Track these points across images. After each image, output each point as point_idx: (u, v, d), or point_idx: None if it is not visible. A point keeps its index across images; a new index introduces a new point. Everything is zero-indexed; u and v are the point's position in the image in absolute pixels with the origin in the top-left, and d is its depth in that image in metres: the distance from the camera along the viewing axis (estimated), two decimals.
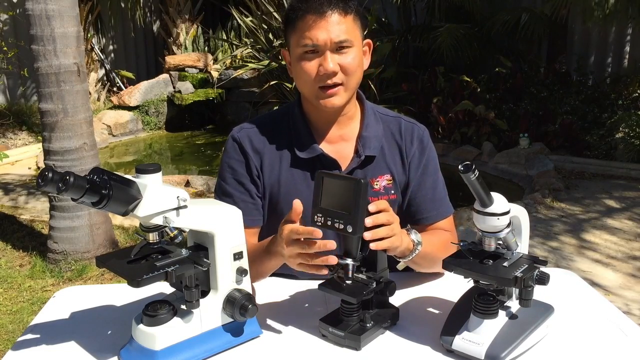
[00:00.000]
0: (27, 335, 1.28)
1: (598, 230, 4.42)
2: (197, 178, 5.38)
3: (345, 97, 1.48)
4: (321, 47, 1.42)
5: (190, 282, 1.15)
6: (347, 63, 1.44)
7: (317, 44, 1.41)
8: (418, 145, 1.59)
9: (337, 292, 1.22)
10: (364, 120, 1.57)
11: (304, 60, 1.45)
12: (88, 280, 3.67)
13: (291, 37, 1.47)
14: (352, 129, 1.57)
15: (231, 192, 1.54)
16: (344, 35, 1.42)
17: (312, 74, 1.44)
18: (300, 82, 1.50)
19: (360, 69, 1.49)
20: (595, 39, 7.66)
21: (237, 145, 1.56)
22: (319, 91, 1.46)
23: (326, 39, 1.41)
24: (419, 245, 1.35)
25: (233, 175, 1.55)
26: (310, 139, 1.54)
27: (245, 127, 1.60)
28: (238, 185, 1.54)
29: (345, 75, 1.45)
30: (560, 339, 1.26)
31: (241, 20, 7.48)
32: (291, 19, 1.46)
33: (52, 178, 0.99)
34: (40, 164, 6.00)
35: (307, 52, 1.44)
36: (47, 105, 3.61)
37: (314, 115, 1.56)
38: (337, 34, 1.41)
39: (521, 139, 6.05)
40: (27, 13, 3.53)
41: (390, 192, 1.56)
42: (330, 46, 1.42)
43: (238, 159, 1.56)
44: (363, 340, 1.22)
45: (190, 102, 7.98)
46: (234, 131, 1.60)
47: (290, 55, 1.50)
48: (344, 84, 1.46)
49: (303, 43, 1.43)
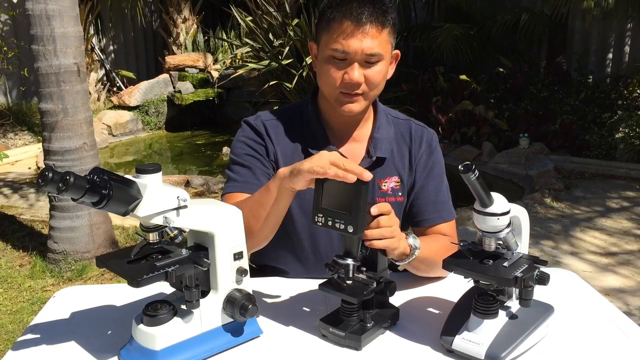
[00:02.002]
0: (27, 335, 1.28)
1: (598, 231, 4.42)
2: (197, 178, 5.38)
3: (363, 105, 1.49)
4: (351, 57, 1.40)
5: (190, 282, 1.15)
6: (372, 76, 1.43)
7: (347, 51, 1.40)
8: (426, 149, 1.61)
9: (337, 292, 1.22)
10: (376, 122, 1.58)
11: (331, 64, 1.43)
12: (88, 280, 3.67)
13: (322, 35, 1.46)
14: (365, 130, 1.59)
15: (248, 164, 1.52)
16: (376, 49, 1.40)
17: (337, 79, 1.43)
18: (322, 81, 1.49)
19: (384, 80, 1.49)
20: (595, 38, 7.66)
21: (254, 129, 1.56)
22: (340, 95, 1.46)
23: (357, 50, 1.39)
24: (416, 250, 1.35)
25: (248, 152, 1.54)
26: (324, 137, 1.55)
27: (260, 116, 1.60)
28: (254, 159, 1.53)
29: (369, 86, 1.45)
30: (560, 339, 1.26)
31: (241, 20, 7.48)
32: (327, 17, 1.43)
33: (52, 178, 0.99)
34: (40, 164, 6.00)
35: (335, 57, 1.42)
36: (47, 105, 3.61)
37: (329, 113, 1.57)
38: (370, 47, 1.39)
39: (521, 139, 6.05)
40: (27, 13, 3.53)
41: (397, 194, 1.57)
42: (360, 57, 1.40)
43: (255, 139, 1.55)
44: (364, 340, 1.22)
45: (190, 102, 7.98)
46: (249, 118, 1.60)
47: (318, 51, 1.49)
48: (364, 94, 1.46)
49: (333, 47, 1.41)
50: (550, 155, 5.98)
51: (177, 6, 9.07)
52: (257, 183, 1.49)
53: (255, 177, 1.51)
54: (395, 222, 1.26)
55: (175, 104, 8.03)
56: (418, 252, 1.36)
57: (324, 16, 1.44)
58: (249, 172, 1.52)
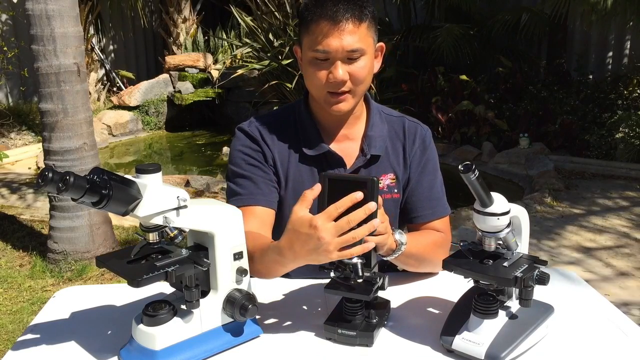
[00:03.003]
0: (27, 335, 1.28)
1: (598, 231, 4.42)
2: (197, 178, 5.38)
3: (352, 103, 1.49)
4: (332, 55, 1.41)
5: (190, 282, 1.14)
6: (356, 71, 1.43)
7: (328, 51, 1.40)
8: (420, 145, 1.60)
9: (348, 292, 1.22)
10: (370, 120, 1.58)
11: (314, 66, 1.44)
12: (88, 280, 3.67)
13: (304, 38, 1.46)
14: (358, 129, 1.59)
15: (248, 175, 1.53)
16: (356, 44, 1.40)
17: (322, 80, 1.44)
18: (309, 83, 1.50)
19: (370, 75, 1.48)
20: (595, 38, 7.65)
21: (249, 136, 1.57)
22: (328, 96, 1.46)
23: (338, 48, 1.39)
24: (402, 245, 1.35)
25: (247, 161, 1.55)
26: (317, 137, 1.55)
27: (254, 121, 1.60)
28: (254, 168, 1.54)
29: (354, 83, 1.45)
30: (560, 339, 1.26)
31: (241, 20, 7.48)
32: (305, 19, 1.44)
33: (52, 178, 0.99)
34: (40, 164, 6.00)
35: (318, 59, 1.43)
36: (47, 105, 3.61)
37: (321, 114, 1.57)
38: (350, 43, 1.39)
39: (521, 139, 6.05)
40: (27, 13, 3.53)
41: (393, 191, 1.57)
42: (342, 55, 1.40)
43: (251, 147, 1.56)
44: (375, 337, 1.23)
45: (190, 102, 7.98)
46: (243, 125, 1.60)
47: (302, 52, 1.49)
48: (351, 91, 1.46)
49: (315, 48, 1.41)
50: (550, 155, 5.98)
51: (177, 6, 9.07)
52: (259, 192, 1.51)
53: (257, 187, 1.52)
54: (386, 218, 1.26)
55: (175, 104, 8.03)
56: (405, 247, 1.35)
57: (303, 19, 1.45)
58: (251, 182, 1.53)
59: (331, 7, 1.38)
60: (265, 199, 1.52)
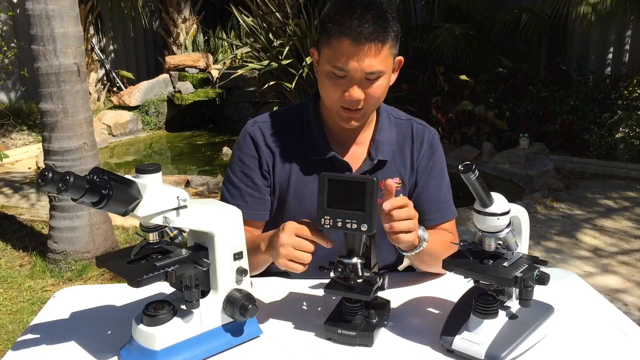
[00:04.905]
0: (27, 335, 1.28)
1: (598, 231, 4.42)
2: (197, 178, 5.38)
3: (364, 119, 1.50)
4: (351, 75, 1.38)
5: (190, 282, 1.15)
6: (373, 92, 1.41)
7: (347, 70, 1.37)
8: (427, 149, 1.60)
9: (348, 292, 1.22)
10: (379, 124, 1.58)
11: (331, 79, 1.41)
12: (88, 280, 3.67)
13: (323, 48, 1.42)
14: (366, 133, 1.58)
15: (239, 185, 1.55)
16: (376, 67, 1.37)
17: (338, 95, 1.42)
18: (323, 94, 1.48)
19: (385, 91, 1.46)
20: (595, 38, 7.65)
21: (251, 139, 1.56)
22: (341, 110, 1.45)
23: (357, 69, 1.36)
24: (424, 242, 1.37)
25: (242, 169, 1.56)
26: (324, 142, 1.54)
27: (259, 121, 1.59)
28: (246, 178, 1.55)
29: (369, 101, 1.43)
30: (560, 339, 1.26)
31: (241, 20, 7.48)
32: (327, 30, 1.39)
33: (52, 178, 0.99)
34: (40, 164, 6.00)
35: (335, 74, 1.40)
36: (47, 105, 3.61)
37: (331, 120, 1.56)
38: (370, 65, 1.36)
39: (521, 139, 6.05)
40: (27, 13, 3.52)
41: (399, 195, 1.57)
42: (360, 75, 1.38)
43: (250, 153, 1.56)
44: (375, 337, 1.23)
45: (190, 102, 7.97)
46: (247, 125, 1.60)
47: (319, 61, 1.46)
48: (365, 108, 1.44)
49: (333, 64, 1.38)
50: (550, 155, 5.97)
51: (177, 6, 9.07)
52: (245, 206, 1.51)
53: (243, 200, 1.54)
54: (415, 215, 1.28)
55: (175, 104, 8.02)
56: (426, 244, 1.37)
57: (325, 29, 1.40)
58: (239, 194, 1.54)
59: (356, 27, 1.33)
60: (252, 212, 1.54)
